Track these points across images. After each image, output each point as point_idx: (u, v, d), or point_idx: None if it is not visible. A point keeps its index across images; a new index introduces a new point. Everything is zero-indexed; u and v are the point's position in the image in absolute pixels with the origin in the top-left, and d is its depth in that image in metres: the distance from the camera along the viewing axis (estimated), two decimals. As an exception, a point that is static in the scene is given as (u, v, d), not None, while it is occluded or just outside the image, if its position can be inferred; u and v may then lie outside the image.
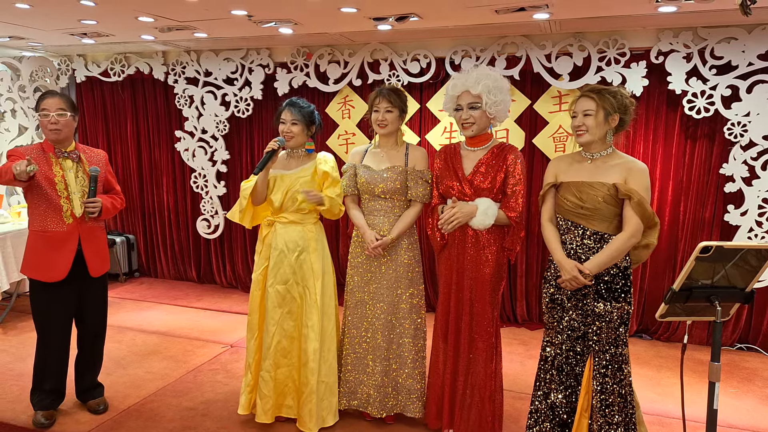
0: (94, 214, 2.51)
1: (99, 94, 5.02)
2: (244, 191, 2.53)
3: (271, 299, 2.53)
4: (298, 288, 2.54)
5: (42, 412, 2.59)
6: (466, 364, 2.39)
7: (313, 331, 2.51)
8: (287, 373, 2.57)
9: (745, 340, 3.71)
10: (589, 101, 2.07)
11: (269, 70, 4.35)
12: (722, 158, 3.52)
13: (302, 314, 2.54)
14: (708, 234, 3.63)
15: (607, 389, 2.10)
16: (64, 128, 2.49)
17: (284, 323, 2.54)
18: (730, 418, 2.79)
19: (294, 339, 2.55)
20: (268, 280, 2.54)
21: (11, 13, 3.25)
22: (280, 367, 2.55)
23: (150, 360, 3.38)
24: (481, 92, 2.24)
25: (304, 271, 2.53)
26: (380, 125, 2.49)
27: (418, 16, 3.15)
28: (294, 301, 2.55)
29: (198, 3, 2.92)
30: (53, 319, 2.56)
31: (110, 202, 2.62)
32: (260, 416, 2.55)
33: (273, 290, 2.53)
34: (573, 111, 2.13)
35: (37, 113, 2.51)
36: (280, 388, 2.57)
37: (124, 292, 4.77)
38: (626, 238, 2.04)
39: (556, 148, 3.83)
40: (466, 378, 2.39)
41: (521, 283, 4.08)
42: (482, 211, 2.28)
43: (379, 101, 2.47)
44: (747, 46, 3.30)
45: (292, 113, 2.51)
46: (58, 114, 2.47)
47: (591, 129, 2.07)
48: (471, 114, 2.28)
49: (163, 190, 4.99)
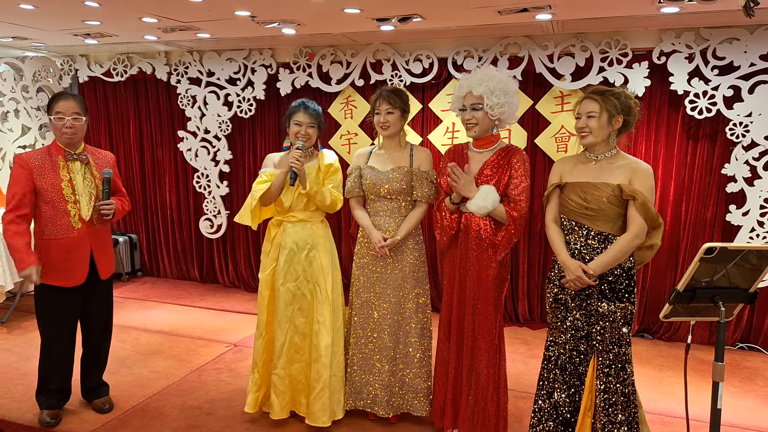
0: (109, 216, 2.50)
1: (102, 94, 5.03)
2: (256, 192, 2.52)
3: (282, 297, 2.56)
4: (308, 285, 2.58)
5: (48, 411, 2.61)
6: (469, 364, 2.40)
7: (324, 327, 2.54)
8: (300, 369, 2.60)
9: (746, 340, 3.72)
10: (593, 103, 2.07)
11: (272, 70, 4.36)
12: (724, 158, 3.53)
13: (312, 311, 2.57)
14: (710, 234, 3.64)
15: (611, 389, 2.11)
16: (78, 132, 2.49)
17: (295, 320, 2.57)
18: (732, 418, 2.80)
19: (306, 336, 2.58)
20: (279, 279, 2.56)
21: (15, 14, 3.25)
22: (294, 363, 2.58)
23: (154, 359, 3.39)
24: (483, 93, 2.24)
25: (314, 268, 2.57)
26: (383, 127, 2.50)
27: (420, 17, 3.16)
28: (304, 297, 2.58)
29: (202, 4, 2.93)
30: (59, 320, 2.57)
31: (120, 204, 2.63)
32: (277, 413, 2.58)
33: (284, 288, 2.56)
34: (577, 112, 2.14)
35: (50, 116, 2.46)
36: (294, 384, 2.60)
37: (127, 291, 4.78)
38: (630, 238, 2.05)
39: (558, 148, 3.84)
40: (470, 378, 2.41)
41: (523, 282, 4.09)
42: (483, 193, 2.23)
43: (380, 103, 2.48)
44: (749, 46, 3.31)
45: (309, 116, 2.51)
46: (73, 118, 2.46)
47: (594, 131, 2.08)
48: (473, 115, 2.29)
49: (166, 190, 5.01)
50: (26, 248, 2.38)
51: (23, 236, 2.39)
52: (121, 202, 2.64)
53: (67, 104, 2.45)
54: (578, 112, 2.12)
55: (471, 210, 2.28)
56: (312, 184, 2.48)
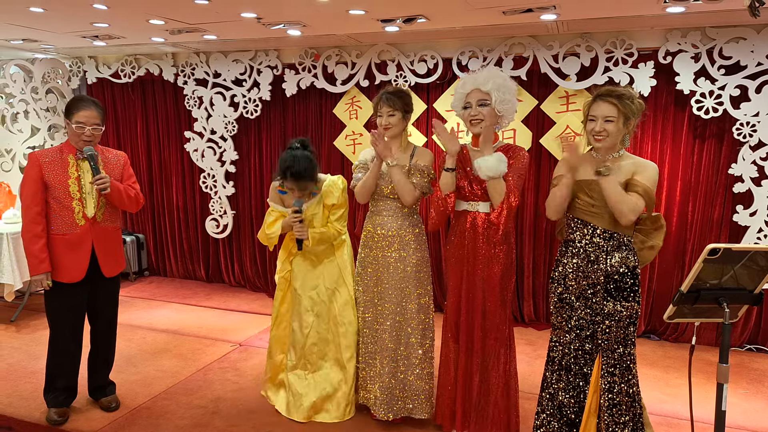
0: (106, 189, 2.49)
1: (110, 95, 5.08)
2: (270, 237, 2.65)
3: (302, 304, 2.67)
4: (328, 291, 2.66)
5: (55, 410, 2.64)
6: (479, 364, 2.39)
7: (352, 327, 2.63)
8: (324, 375, 2.67)
9: (755, 341, 3.69)
10: (611, 107, 2.04)
11: (277, 71, 4.38)
12: (731, 158, 3.51)
13: (335, 314, 2.65)
14: (716, 234, 3.62)
15: (615, 389, 2.11)
16: (95, 140, 2.54)
17: (318, 327, 2.67)
18: (740, 420, 2.78)
19: (329, 342, 2.67)
20: (296, 284, 2.68)
21: (25, 16, 3.30)
22: (318, 370, 2.68)
23: (160, 358, 3.42)
24: (490, 90, 2.27)
25: (332, 273, 2.65)
26: (385, 129, 2.51)
27: (425, 18, 3.16)
28: (323, 304, 2.66)
29: (208, 6, 2.95)
30: (66, 318, 2.60)
31: (123, 187, 2.61)
32: (292, 413, 2.67)
33: (305, 297, 2.66)
34: (590, 115, 2.08)
35: (70, 121, 2.49)
36: (317, 391, 2.66)
37: (134, 290, 4.82)
38: (628, 197, 2.00)
39: (563, 148, 3.82)
40: (481, 378, 2.40)
41: (528, 282, 4.08)
42: (498, 155, 2.24)
43: (381, 106, 2.50)
44: (756, 46, 3.28)
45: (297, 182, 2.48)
46: (93, 129, 2.51)
47: (612, 135, 2.06)
48: (480, 111, 2.30)
49: (173, 190, 5.04)
50: (40, 253, 2.46)
51: (39, 238, 2.47)
52: (124, 187, 2.63)
53: (88, 114, 2.49)
54: (593, 115, 2.08)
55: (482, 167, 2.21)
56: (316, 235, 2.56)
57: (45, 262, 2.47)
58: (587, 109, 2.12)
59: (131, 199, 2.65)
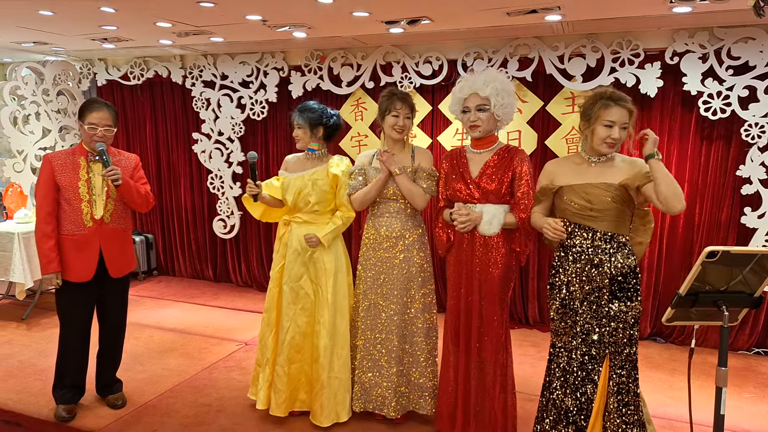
0: (118, 181, 2.51)
1: (119, 97, 5.15)
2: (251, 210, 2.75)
3: (285, 296, 2.63)
4: (312, 285, 2.63)
5: (63, 406, 2.68)
6: (477, 366, 2.40)
7: (324, 328, 2.58)
8: (300, 368, 2.64)
9: (763, 345, 3.65)
10: (627, 114, 2.04)
11: (284, 73, 4.41)
12: (739, 160, 3.47)
13: (315, 311, 2.62)
14: (724, 236, 3.58)
15: (623, 389, 2.10)
16: (107, 142, 2.58)
17: (298, 319, 2.62)
18: (746, 424, 2.75)
19: (307, 335, 2.63)
20: (284, 278, 2.64)
21: (35, 20, 3.36)
22: (293, 363, 2.63)
23: (167, 357, 3.46)
24: (489, 95, 2.26)
25: (317, 269, 2.62)
26: (399, 131, 2.51)
27: (429, 19, 3.17)
28: (308, 297, 2.63)
29: (215, 9, 2.99)
30: (74, 316, 2.65)
31: (133, 183, 2.64)
32: (274, 410, 2.64)
33: (287, 287, 2.63)
34: (608, 120, 2.02)
35: (83, 123, 2.54)
36: (293, 383, 2.65)
37: (143, 290, 4.88)
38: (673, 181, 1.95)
39: (568, 149, 3.81)
40: (478, 381, 2.41)
41: (533, 284, 4.07)
42: (486, 221, 2.30)
43: (400, 106, 2.47)
44: (765, 46, 3.24)
45: (297, 118, 2.65)
46: (105, 130, 2.55)
47: (622, 140, 2.07)
48: (479, 116, 2.29)
49: (181, 191, 5.10)
50: (49, 252, 2.51)
51: (49, 238, 2.52)
52: (135, 184, 2.65)
53: (100, 115, 2.54)
54: (610, 120, 2.02)
55: (482, 233, 2.33)
56: (329, 236, 2.61)
57: (54, 261, 2.52)
58: (599, 112, 2.04)
59: (142, 196, 2.67)
